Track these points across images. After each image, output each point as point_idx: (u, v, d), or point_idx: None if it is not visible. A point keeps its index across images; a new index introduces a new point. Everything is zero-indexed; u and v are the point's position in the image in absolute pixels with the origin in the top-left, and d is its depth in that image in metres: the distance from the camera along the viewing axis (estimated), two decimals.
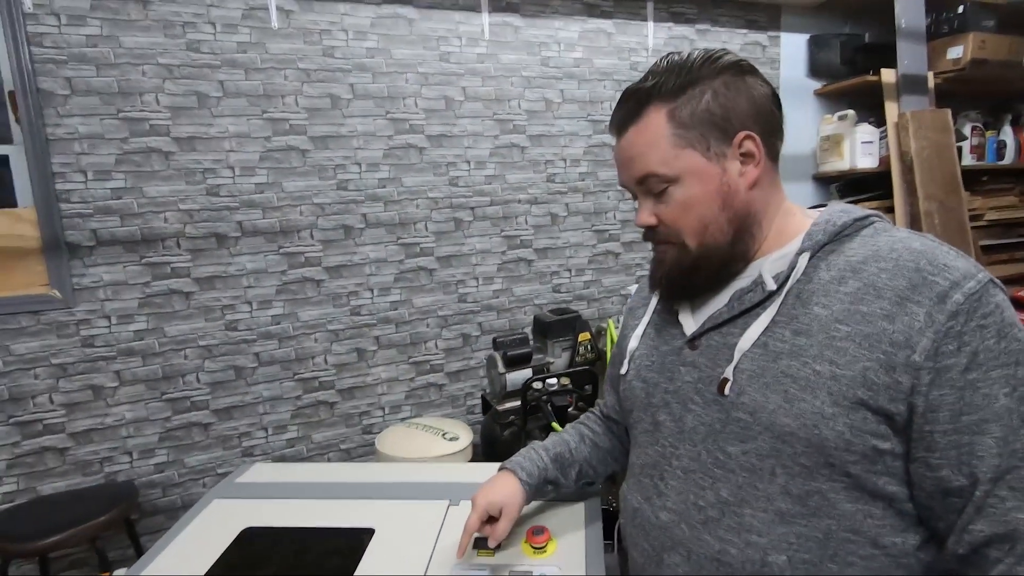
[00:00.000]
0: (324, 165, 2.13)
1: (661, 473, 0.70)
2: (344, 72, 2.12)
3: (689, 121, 0.65)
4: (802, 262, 0.63)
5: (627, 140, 0.69)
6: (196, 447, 2.07)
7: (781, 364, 0.60)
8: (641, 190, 0.69)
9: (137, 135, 1.90)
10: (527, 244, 2.47)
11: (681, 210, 0.67)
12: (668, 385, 0.72)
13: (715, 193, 0.66)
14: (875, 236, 0.63)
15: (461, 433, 2.02)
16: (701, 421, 0.66)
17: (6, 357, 1.82)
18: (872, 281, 0.58)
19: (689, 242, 0.67)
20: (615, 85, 2.52)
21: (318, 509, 1.04)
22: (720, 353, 0.66)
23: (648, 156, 0.66)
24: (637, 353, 0.79)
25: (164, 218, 1.95)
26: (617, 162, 0.72)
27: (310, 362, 2.19)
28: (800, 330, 0.60)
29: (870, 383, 0.55)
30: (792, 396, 0.58)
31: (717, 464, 0.64)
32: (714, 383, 0.65)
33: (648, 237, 0.73)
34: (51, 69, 1.78)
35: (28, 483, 1.89)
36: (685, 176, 0.66)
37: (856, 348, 0.56)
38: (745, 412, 0.62)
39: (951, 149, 2.53)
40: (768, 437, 0.60)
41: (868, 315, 0.57)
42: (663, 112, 0.65)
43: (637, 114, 0.67)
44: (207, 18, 1.93)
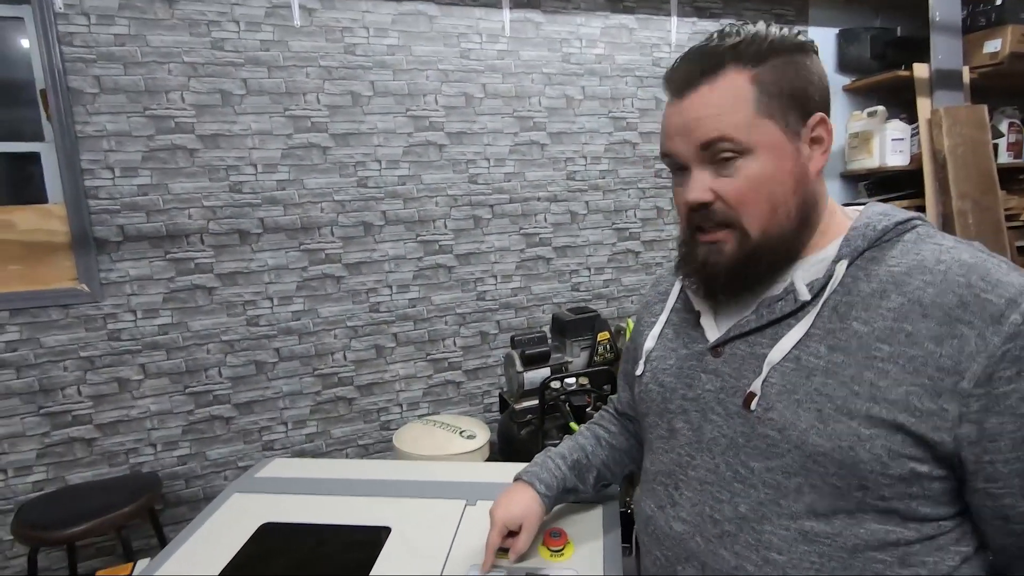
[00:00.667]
0: (344, 162, 2.14)
1: (676, 482, 0.67)
2: (365, 69, 2.12)
3: (774, 90, 0.58)
4: (840, 271, 0.58)
5: (697, 97, 0.60)
6: (218, 440, 2.11)
7: (815, 381, 0.56)
8: (701, 158, 0.60)
9: (163, 132, 1.93)
10: (546, 242, 2.45)
11: (750, 187, 0.59)
12: (687, 392, 0.68)
13: (789, 174, 0.59)
14: (919, 243, 0.58)
15: (478, 431, 2.01)
16: (722, 432, 0.63)
17: (37, 349, 1.87)
18: (918, 297, 0.54)
19: (751, 226, 0.60)
20: (637, 81, 2.49)
21: (335, 506, 1.05)
22: (746, 363, 0.62)
23: (724, 118, 0.58)
24: (654, 355, 0.75)
25: (188, 214, 1.98)
26: (672, 125, 0.63)
27: (329, 358, 2.21)
28: (837, 346, 0.56)
29: (913, 408, 0.51)
30: (827, 416, 0.55)
31: (737, 478, 0.61)
32: (738, 394, 0.62)
33: (694, 220, 0.63)
34: (81, 68, 1.82)
35: (57, 472, 1.94)
36: (761, 148, 0.58)
37: (899, 371, 0.52)
38: (773, 428, 0.58)
39: (987, 146, 2.44)
40: (797, 456, 0.56)
41: (913, 335, 0.53)
42: (746, 75, 0.58)
43: (713, 71, 0.59)
44: (231, 16, 1.95)
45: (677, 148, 0.62)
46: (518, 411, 1.96)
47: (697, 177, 0.61)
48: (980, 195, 2.42)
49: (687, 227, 0.65)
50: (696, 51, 0.61)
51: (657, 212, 2.62)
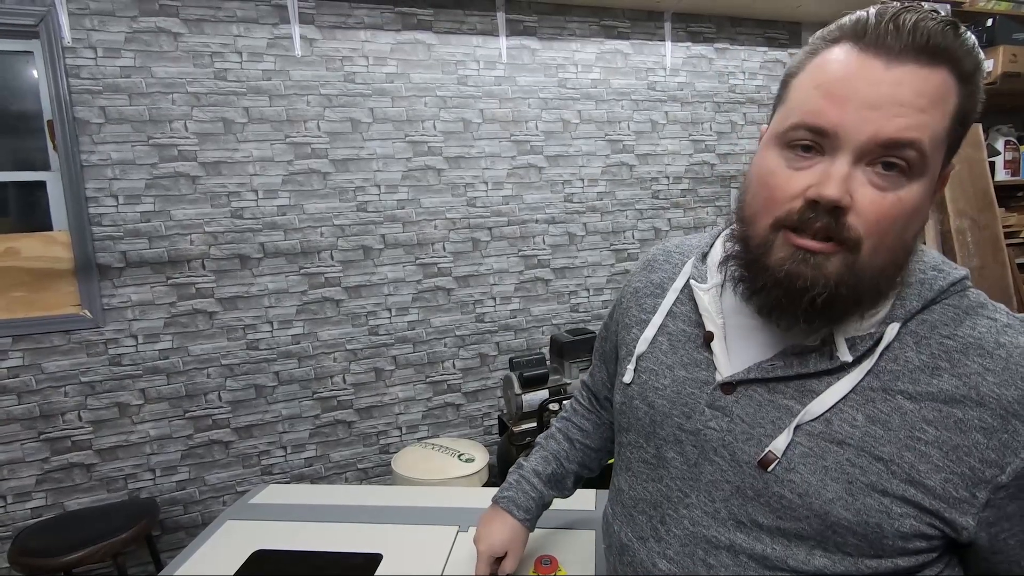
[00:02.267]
0: (344, 187, 2.17)
1: (663, 516, 0.62)
2: (364, 97, 2.17)
3: (967, 116, 0.49)
4: (890, 335, 0.52)
5: (907, 75, 0.46)
6: (217, 465, 2.10)
7: (848, 451, 0.51)
8: (865, 151, 0.47)
9: (166, 160, 1.97)
10: (544, 264, 2.47)
11: (898, 212, 0.47)
12: (684, 422, 0.61)
13: (925, 213, 0.50)
14: (972, 315, 0.52)
15: (477, 454, 2.00)
16: (725, 479, 0.57)
17: (38, 375, 1.88)
18: (975, 383, 0.49)
19: (869, 255, 0.48)
20: (633, 105, 2.52)
21: (328, 532, 1.04)
22: (763, 411, 0.56)
23: (928, 119, 0.46)
24: (643, 365, 0.66)
25: (190, 240, 2.01)
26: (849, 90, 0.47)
27: (329, 381, 2.21)
28: (876, 418, 0.51)
29: (948, 495, 0.49)
30: (857, 490, 0.51)
31: (740, 528, 0.56)
32: (750, 443, 0.56)
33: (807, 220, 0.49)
34: (87, 99, 1.87)
35: (56, 498, 1.93)
36: (927, 177, 0.48)
37: (941, 457, 0.49)
38: (792, 492, 0.53)
39: (983, 165, 2.46)
40: (816, 523, 0.52)
41: (963, 422, 0.49)
42: (955, 82, 0.47)
43: (933, 57, 0.46)
44: (234, 48, 2.01)
45: (843, 123, 0.47)
46: (517, 433, 1.96)
47: (844, 170, 0.47)
48: (977, 213, 2.42)
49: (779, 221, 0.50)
50: (923, 22, 0.46)
51: (655, 233, 2.63)
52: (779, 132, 0.51)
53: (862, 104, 0.46)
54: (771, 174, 0.51)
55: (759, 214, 0.52)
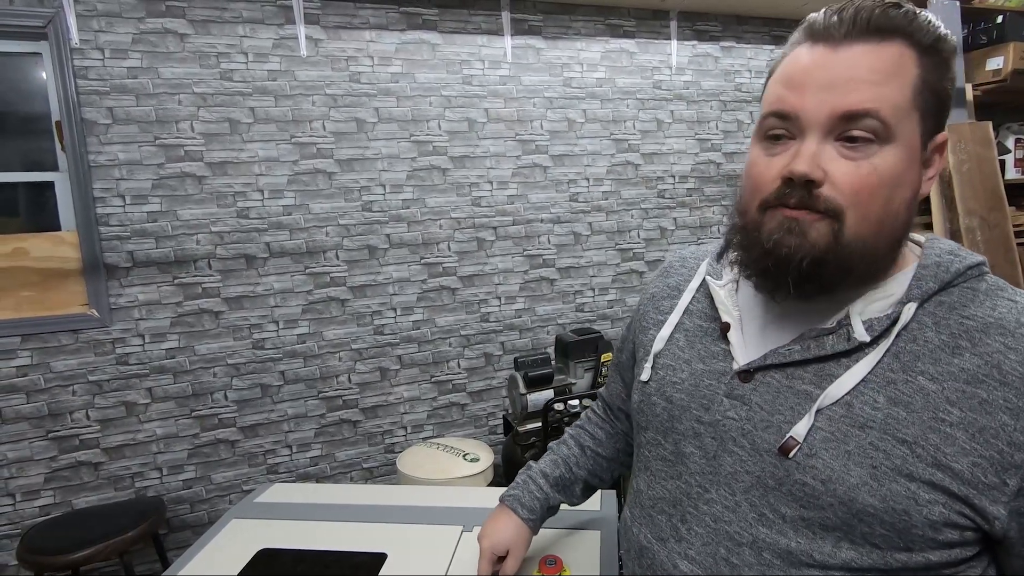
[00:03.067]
0: (349, 187, 2.18)
1: (683, 515, 0.61)
2: (369, 97, 2.17)
3: (931, 87, 0.51)
4: (907, 315, 0.52)
5: (854, 55, 0.50)
6: (223, 464, 2.11)
7: (871, 435, 0.51)
8: (830, 127, 0.51)
9: (172, 161, 1.98)
10: (550, 263, 2.46)
11: (874, 181, 0.50)
12: (702, 415, 0.61)
13: (912, 185, 0.52)
14: (992, 297, 0.53)
15: (482, 454, 2.00)
16: (746, 469, 0.56)
17: (46, 374, 1.90)
18: (997, 361, 0.49)
19: (851, 225, 0.50)
20: (638, 104, 2.52)
21: (332, 531, 1.04)
22: (782, 398, 0.56)
23: (883, 90, 0.49)
24: (661, 362, 0.67)
25: (196, 240, 2.02)
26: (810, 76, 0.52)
27: (334, 380, 2.22)
28: (898, 399, 0.51)
29: (977, 481, 0.48)
30: (882, 474, 0.50)
31: (763, 521, 0.55)
32: (770, 430, 0.55)
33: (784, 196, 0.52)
34: (95, 100, 1.88)
35: (64, 496, 1.95)
36: (901, 144, 0.50)
37: (968, 440, 0.48)
38: (815, 479, 0.52)
39: (993, 163, 2.43)
40: (841, 511, 0.51)
41: (988, 403, 0.48)
42: (913, 54, 0.50)
43: (882, 34, 0.50)
44: (240, 48, 2.01)
45: (805, 106, 0.51)
46: (522, 433, 1.95)
47: (813, 147, 0.51)
48: (987, 212, 2.40)
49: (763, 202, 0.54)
50: (864, 5, 0.51)
51: (660, 232, 2.62)
52: (757, 128, 0.57)
53: (818, 87, 0.51)
54: (754, 164, 0.56)
55: (749, 201, 0.56)
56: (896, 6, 0.51)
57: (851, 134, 0.50)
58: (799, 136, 0.52)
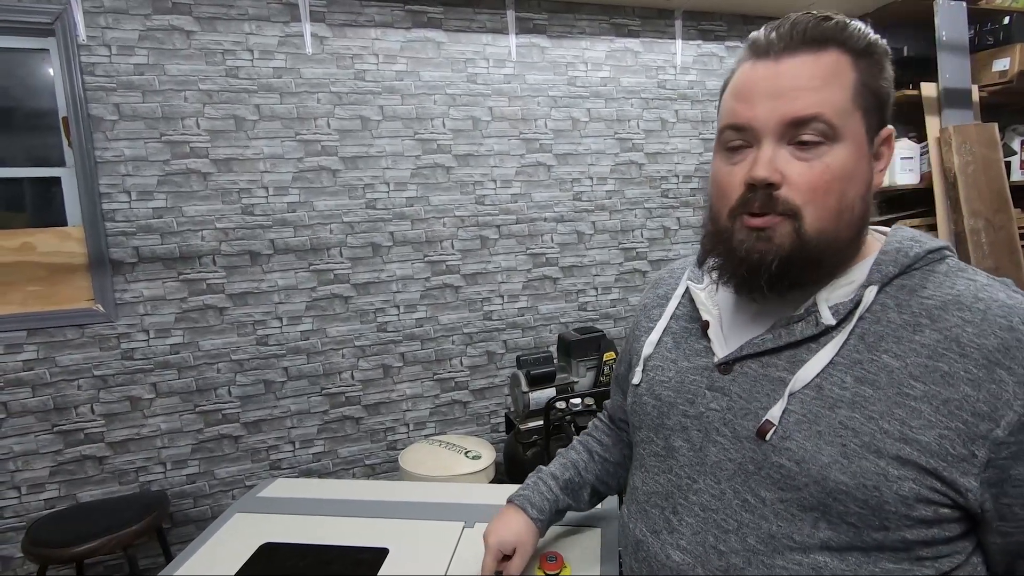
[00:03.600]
0: (354, 184, 2.18)
1: (674, 506, 0.63)
2: (374, 95, 2.17)
3: (869, 86, 0.55)
4: (869, 297, 0.55)
5: (795, 65, 0.54)
6: (226, 459, 2.12)
7: (839, 414, 0.53)
8: (781, 134, 0.55)
9: (178, 157, 1.99)
10: (553, 262, 2.47)
11: (828, 178, 0.54)
12: (688, 408, 0.64)
13: (863, 177, 0.56)
14: (951, 277, 0.55)
15: (484, 452, 2.01)
16: (728, 457, 0.59)
17: (52, 368, 1.91)
18: (955, 335, 0.51)
19: (811, 222, 0.54)
20: (642, 103, 2.52)
21: (335, 526, 1.05)
22: (758, 386, 0.59)
23: (825, 94, 0.53)
24: (651, 364, 0.71)
25: (201, 236, 2.03)
26: (758, 88, 0.56)
27: (337, 377, 2.23)
28: (865, 378, 0.53)
29: (945, 453, 0.49)
30: (852, 452, 0.52)
31: (746, 507, 0.57)
32: (748, 417, 0.58)
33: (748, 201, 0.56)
34: (101, 96, 1.89)
35: (69, 490, 1.96)
36: (848, 140, 0.54)
37: (933, 412, 0.50)
38: (790, 459, 0.54)
39: (998, 164, 2.42)
40: (816, 490, 0.53)
41: (949, 376, 0.50)
42: (848, 59, 0.55)
43: (818, 44, 0.54)
44: (246, 45, 2.02)
45: (757, 116, 0.55)
46: (523, 431, 1.96)
47: (770, 153, 0.55)
48: (992, 214, 2.39)
49: (731, 210, 0.58)
50: (799, 20, 0.56)
51: (664, 232, 2.62)
52: (716, 141, 0.62)
53: (765, 97, 0.55)
54: (718, 174, 0.60)
55: (718, 210, 0.60)
56: (827, 19, 0.55)
57: (802, 138, 0.54)
58: (755, 144, 0.56)
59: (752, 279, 0.57)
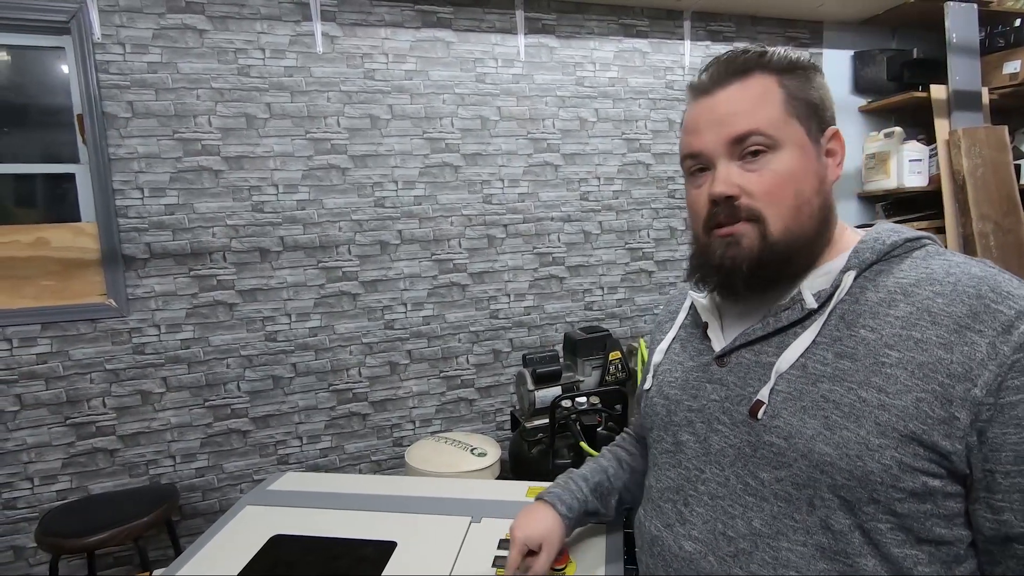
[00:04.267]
0: (363, 183, 2.20)
1: (685, 498, 0.66)
2: (384, 94, 2.19)
3: (798, 95, 0.62)
4: (847, 280, 0.59)
5: (727, 95, 0.62)
6: (235, 453, 2.15)
7: (821, 388, 0.56)
8: (730, 152, 0.62)
9: (190, 154, 2.01)
10: (559, 261, 2.48)
11: (778, 181, 0.60)
12: (692, 403, 0.68)
13: (813, 173, 0.62)
14: (928, 259, 0.59)
15: (489, 449, 2.02)
16: (729, 443, 0.62)
17: (65, 362, 1.94)
18: (926, 306, 0.54)
19: (774, 222, 0.60)
20: (650, 104, 2.52)
21: (344, 520, 1.06)
22: (751, 372, 0.63)
23: (756, 113, 0.61)
24: (661, 368, 0.76)
25: (212, 233, 2.05)
26: (700, 120, 0.64)
27: (344, 374, 2.25)
28: (844, 353, 0.57)
29: (923, 416, 0.51)
30: (833, 423, 0.54)
31: (748, 491, 0.60)
32: (743, 403, 0.62)
33: (715, 215, 0.63)
34: (115, 94, 1.92)
35: (80, 482, 1.99)
36: (789, 145, 0.61)
37: (908, 377, 0.52)
38: (779, 436, 0.57)
39: (1008, 167, 2.41)
40: (804, 465, 0.55)
41: (922, 342, 0.53)
42: (772, 79, 0.62)
43: (743, 73, 0.63)
44: (257, 44, 2.04)
45: (705, 143, 0.63)
46: (529, 429, 1.97)
47: (723, 171, 0.62)
48: (1001, 217, 2.38)
49: (704, 226, 0.65)
50: (723, 59, 0.64)
51: (670, 232, 2.63)
52: (683, 171, 0.69)
53: (709, 125, 0.63)
54: (689, 198, 0.68)
55: (696, 228, 0.67)
56: (746, 51, 0.64)
57: (747, 151, 0.61)
58: (711, 167, 0.64)
59: (729, 281, 0.64)
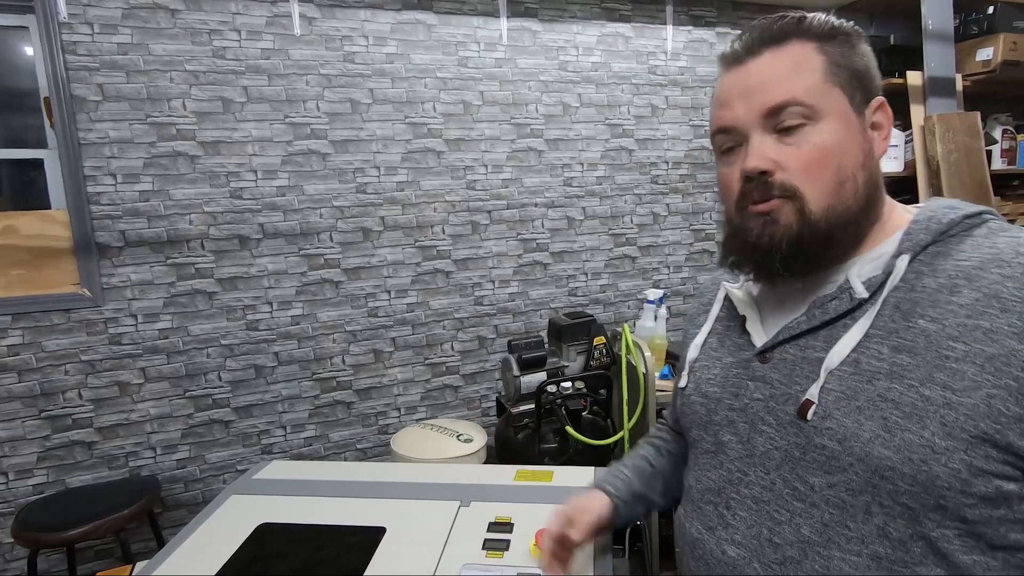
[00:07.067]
0: (344, 168, 2.17)
1: (727, 501, 0.62)
2: (364, 77, 2.15)
3: (841, 63, 0.57)
4: (900, 265, 0.54)
5: (762, 61, 0.57)
6: (217, 444, 2.12)
7: (878, 386, 0.51)
8: (764, 125, 0.57)
9: (164, 139, 1.95)
10: (543, 248, 2.48)
11: (818, 155, 0.55)
12: (733, 402, 0.64)
13: (858, 146, 0.56)
14: (991, 237, 0.53)
15: (475, 435, 2.03)
16: (775, 445, 0.58)
17: (38, 353, 1.89)
18: (995, 291, 0.49)
19: (814, 199, 0.55)
20: (633, 89, 2.52)
21: (332, 507, 1.06)
22: (798, 369, 0.58)
23: (793, 81, 0.56)
24: (697, 364, 0.71)
25: (189, 220, 2.01)
26: (731, 91, 0.59)
27: (328, 362, 2.23)
28: (902, 347, 0.51)
29: (996, 414, 0.46)
30: (893, 424, 0.49)
31: (796, 496, 0.55)
32: (790, 402, 0.57)
33: (750, 191, 0.58)
34: (84, 76, 1.85)
35: (57, 475, 1.95)
36: (830, 116, 0.55)
37: (977, 371, 0.47)
38: (832, 439, 0.53)
39: (980, 153, 2.47)
40: (861, 470, 0.50)
41: (992, 332, 0.47)
42: (812, 46, 0.57)
43: (777, 40, 0.58)
44: (232, 26, 1.98)
45: (737, 115, 0.58)
46: (515, 415, 1.98)
47: (758, 145, 0.57)
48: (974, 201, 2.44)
49: (737, 205, 0.60)
50: (757, 25, 0.59)
51: (653, 218, 2.64)
52: (713, 149, 0.65)
53: (741, 96, 0.58)
54: (721, 176, 0.63)
55: (728, 207, 0.63)
56: (782, 17, 0.59)
57: (784, 125, 0.56)
58: (744, 142, 0.59)
59: (766, 262, 0.58)
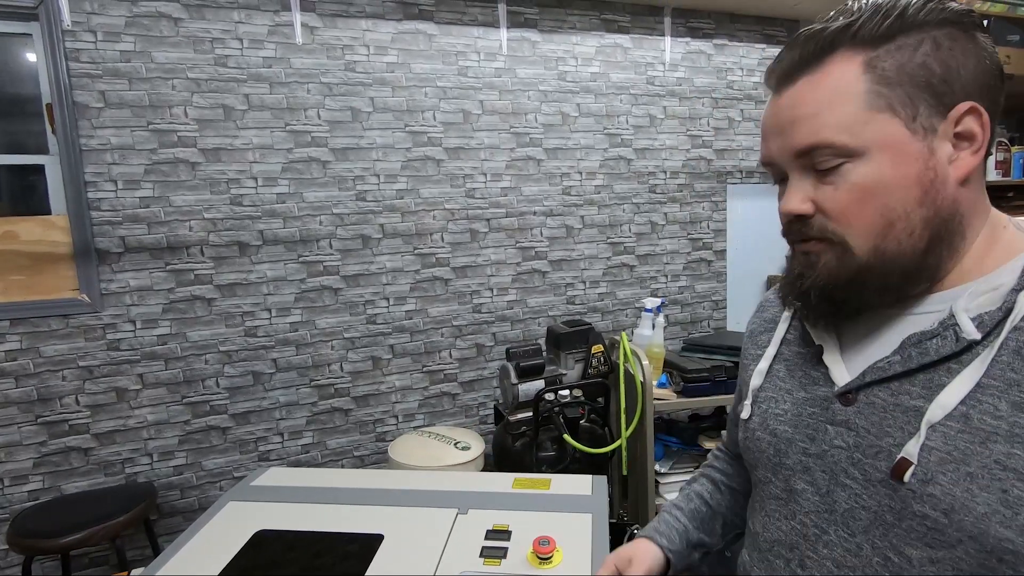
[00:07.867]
0: (344, 176, 2.18)
1: (801, 559, 0.55)
2: (365, 86, 2.17)
3: (894, 76, 0.48)
4: (1022, 304, 0.45)
5: (794, 94, 0.51)
6: (214, 450, 2.12)
7: (995, 450, 0.43)
8: (799, 166, 0.52)
9: (165, 146, 1.96)
10: (542, 256, 2.49)
11: (857, 197, 0.49)
12: (808, 446, 0.56)
13: (914, 180, 0.48)
14: None
15: (473, 443, 2.03)
16: (861, 504, 0.51)
17: (36, 359, 1.89)
18: None
19: (857, 243, 0.50)
20: (631, 99, 2.54)
21: (329, 514, 1.06)
22: (889, 418, 0.50)
23: (824, 117, 0.49)
24: (762, 395, 0.64)
25: (189, 226, 2.01)
26: (767, 127, 0.55)
27: (326, 369, 2.23)
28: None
29: None
30: (1015, 499, 0.42)
31: (889, 566, 0.48)
32: (880, 455, 0.49)
33: (792, 232, 0.54)
34: (86, 83, 1.86)
35: (53, 482, 1.94)
36: (874, 150, 0.48)
37: None
38: (935, 509, 0.45)
39: None
40: (974, 549, 0.43)
41: None
42: (857, 61, 0.49)
43: (816, 60, 0.50)
44: (235, 34, 2.00)
45: (773, 153, 0.54)
46: (513, 423, 1.98)
47: (796, 185, 0.53)
48: None
49: (786, 238, 0.57)
50: (802, 35, 0.52)
51: (651, 227, 2.65)
52: None
53: (774, 133, 0.54)
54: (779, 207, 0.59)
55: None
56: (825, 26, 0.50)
57: (820, 167, 0.51)
58: (787, 178, 0.55)
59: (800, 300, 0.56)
